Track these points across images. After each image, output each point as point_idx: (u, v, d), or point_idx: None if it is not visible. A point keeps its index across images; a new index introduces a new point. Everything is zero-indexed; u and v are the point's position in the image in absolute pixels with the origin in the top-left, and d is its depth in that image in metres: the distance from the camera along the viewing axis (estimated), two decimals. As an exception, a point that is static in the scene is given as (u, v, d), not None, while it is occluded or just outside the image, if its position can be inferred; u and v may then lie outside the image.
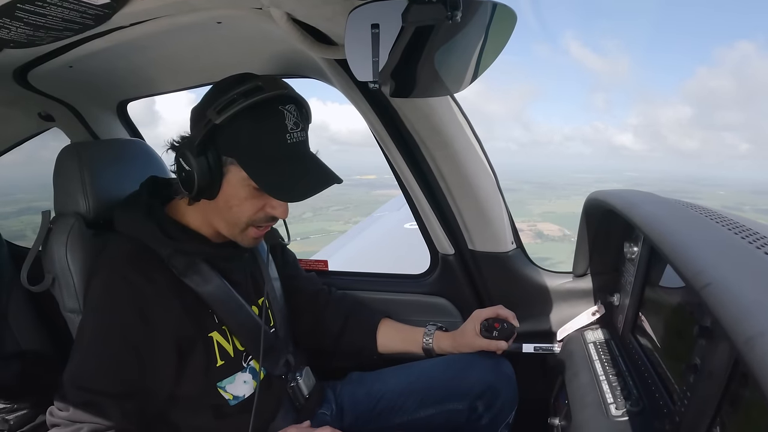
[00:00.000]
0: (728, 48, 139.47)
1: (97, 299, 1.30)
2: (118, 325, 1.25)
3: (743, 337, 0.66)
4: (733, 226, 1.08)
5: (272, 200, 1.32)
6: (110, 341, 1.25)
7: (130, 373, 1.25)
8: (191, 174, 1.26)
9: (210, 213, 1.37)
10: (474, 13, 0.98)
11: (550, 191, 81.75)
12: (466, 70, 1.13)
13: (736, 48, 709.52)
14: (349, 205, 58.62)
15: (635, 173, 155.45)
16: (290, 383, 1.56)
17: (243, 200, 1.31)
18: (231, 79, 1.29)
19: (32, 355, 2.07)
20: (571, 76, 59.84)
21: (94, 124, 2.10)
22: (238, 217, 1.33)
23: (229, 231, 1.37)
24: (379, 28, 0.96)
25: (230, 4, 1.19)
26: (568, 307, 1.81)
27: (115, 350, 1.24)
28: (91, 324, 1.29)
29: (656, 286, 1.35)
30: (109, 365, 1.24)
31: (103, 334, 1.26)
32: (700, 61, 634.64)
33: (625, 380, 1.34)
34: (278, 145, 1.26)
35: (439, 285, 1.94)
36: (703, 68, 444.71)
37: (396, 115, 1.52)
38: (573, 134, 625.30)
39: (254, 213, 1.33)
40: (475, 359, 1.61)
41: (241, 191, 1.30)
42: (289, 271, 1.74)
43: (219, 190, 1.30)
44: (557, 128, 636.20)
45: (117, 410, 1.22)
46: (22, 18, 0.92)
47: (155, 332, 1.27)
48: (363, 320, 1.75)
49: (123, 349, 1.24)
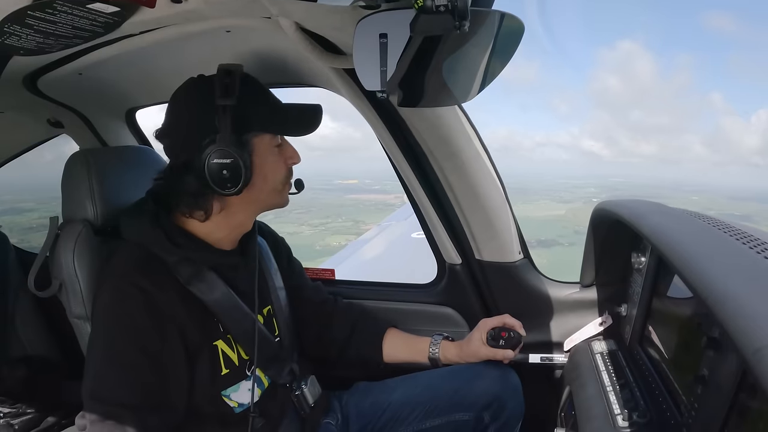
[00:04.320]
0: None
1: (107, 308, 1.29)
2: (132, 332, 1.24)
3: (752, 349, 0.66)
4: (742, 236, 1.07)
5: (287, 151, 1.42)
6: (126, 350, 1.24)
7: (149, 382, 1.23)
8: (236, 163, 1.26)
9: (242, 207, 1.40)
10: (482, 24, 0.99)
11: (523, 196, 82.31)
12: (473, 80, 1.13)
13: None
14: (312, 209, 59.24)
15: (620, 179, 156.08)
16: (295, 392, 1.55)
17: (274, 163, 1.39)
18: (198, 79, 1.37)
19: (38, 360, 2.07)
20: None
21: (103, 132, 2.11)
22: (277, 181, 1.41)
23: (273, 200, 1.45)
24: (387, 38, 0.96)
25: (239, 13, 1.20)
26: (575, 317, 1.80)
27: (131, 358, 1.23)
28: (104, 333, 1.28)
29: (664, 296, 1.34)
30: (127, 374, 1.23)
31: (118, 342, 1.25)
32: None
33: (632, 391, 1.33)
34: (276, 101, 1.41)
35: (446, 295, 1.94)
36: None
37: (404, 124, 1.52)
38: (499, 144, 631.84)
39: (283, 170, 1.42)
40: (482, 370, 1.60)
41: (269, 156, 1.37)
42: (295, 280, 1.74)
43: (253, 169, 1.32)
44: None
45: (137, 423, 1.20)
46: (32, 25, 0.93)
47: (170, 340, 1.26)
48: (369, 330, 1.75)
49: (140, 357, 1.23)
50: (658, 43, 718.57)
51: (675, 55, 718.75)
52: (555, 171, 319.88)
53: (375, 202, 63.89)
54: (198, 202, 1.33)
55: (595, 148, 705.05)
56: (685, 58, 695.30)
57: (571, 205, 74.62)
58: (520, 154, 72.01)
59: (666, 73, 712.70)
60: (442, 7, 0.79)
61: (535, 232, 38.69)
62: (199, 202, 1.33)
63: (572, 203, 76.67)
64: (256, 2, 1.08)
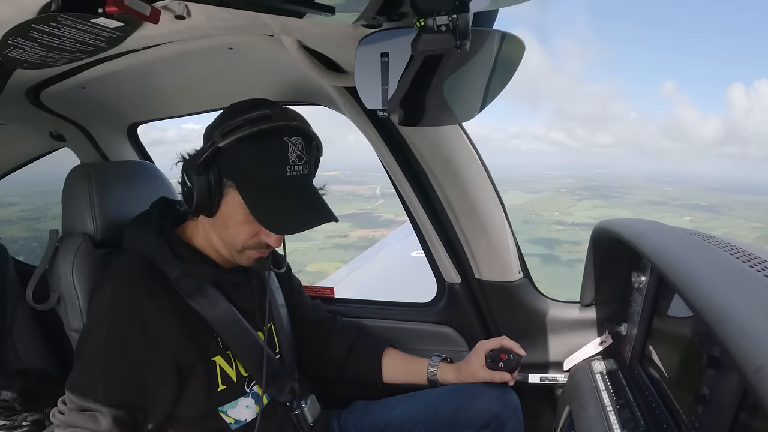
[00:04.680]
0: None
1: (100, 311, 1.32)
2: (118, 338, 1.27)
3: (753, 368, 0.65)
4: (742, 254, 1.07)
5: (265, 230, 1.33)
6: (109, 353, 1.27)
7: (126, 386, 1.27)
8: (192, 190, 1.27)
9: (209, 231, 1.38)
10: (483, 43, 1.00)
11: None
12: (474, 99, 1.14)
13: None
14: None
15: (603, 170, 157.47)
16: (294, 411, 1.54)
17: (239, 223, 1.31)
18: (245, 104, 1.30)
19: (35, 373, 2.05)
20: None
21: (105, 146, 2.12)
22: (234, 239, 1.34)
23: (226, 250, 1.37)
24: (388, 57, 0.97)
25: (242, 31, 1.21)
26: (575, 336, 1.79)
27: (113, 362, 1.27)
28: (92, 333, 1.30)
29: (664, 315, 1.33)
30: (106, 375, 1.26)
31: (103, 345, 1.28)
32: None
33: (632, 411, 1.32)
34: (277, 177, 1.26)
35: (445, 314, 1.93)
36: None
37: (404, 143, 1.53)
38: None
39: (249, 238, 1.33)
40: (481, 389, 1.58)
41: (238, 214, 1.30)
42: (295, 298, 1.74)
43: (217, 209, 1.31)
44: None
45: (109, 418, 1.25)
46: (37, 39, 0.93)
47: (154, 350, 1.27)
48: (367, 350, 1.74)
49: (121, 362, 1.26)
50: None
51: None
52: (543, 163, 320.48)
53: (344, 193, 63.47)
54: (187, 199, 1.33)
55: (562, 139, 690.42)
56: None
57: (536, 195, 74.13)
58: (491, 146, 69.41)
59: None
60: (444, 27, 0.80)
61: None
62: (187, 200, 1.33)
63: (540, 193, 76.10)
64: (259, 20, 1.09)
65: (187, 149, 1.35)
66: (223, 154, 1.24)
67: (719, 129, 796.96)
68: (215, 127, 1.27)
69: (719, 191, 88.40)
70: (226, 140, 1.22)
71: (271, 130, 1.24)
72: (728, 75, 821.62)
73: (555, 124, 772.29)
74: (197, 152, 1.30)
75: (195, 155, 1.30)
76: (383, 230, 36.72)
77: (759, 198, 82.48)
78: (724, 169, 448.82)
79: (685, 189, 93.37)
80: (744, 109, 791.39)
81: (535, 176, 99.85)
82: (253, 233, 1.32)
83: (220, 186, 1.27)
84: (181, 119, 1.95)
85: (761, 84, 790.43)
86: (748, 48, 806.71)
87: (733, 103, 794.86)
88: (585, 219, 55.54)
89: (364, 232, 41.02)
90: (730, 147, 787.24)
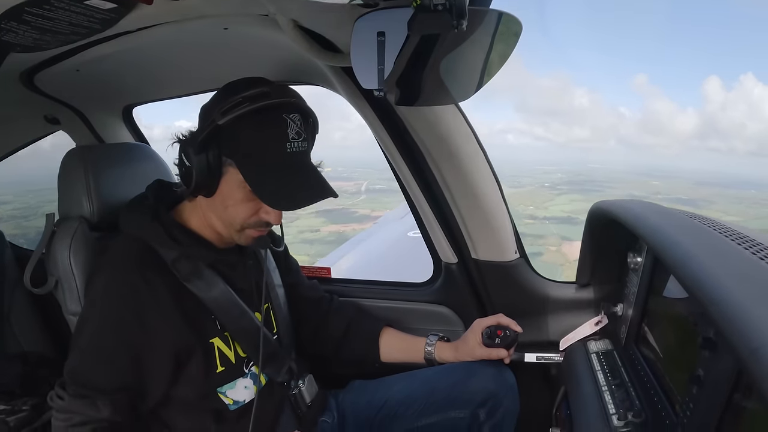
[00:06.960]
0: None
1: (96, 296, 1.33)
2: (114, 323, 1.28)
3: (748, 348, 0.66)
4: (738, 237, 1.08)
5: (266, 206, 1.32)
6: (106, 339, 1.28)
7: (123, 371, 1.28)
8: (190, 170, 1.27)
9: (207, 211, 1.38)
10: (480, 22, 0.99)
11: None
12: (471, 78, 1.13)
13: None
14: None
15: (598, 165, 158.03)
16: (292, 390, 1.55)
17: (238, 202, 1.31)
18: (241, 82, 1.29)
19: (34, 357, 2.06)
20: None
21: (100, 128, 2.11)
22: (233, 218, 1.34)
23: (225, 230, 1.38)
24: (384, 37, 0.96)
25: (237, 10, 1.20)
26: (571, 316, 1.80)
27: (110, 347, 1.28)
28: (90, 320, 1.31)
29: (660, 296, 1.34)
30: (104, 362, 1.28)
31: (100, 331, 1.29)
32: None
33: (627, 391, 1.33)
34: (277, 153, 1.26)
35: (441, 294, 1.94)
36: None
37: (401, 123, 1.52)
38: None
39: (249, 216, 1.33)
40: (478, 367, 1.60)
41: (237, 193, 1.30)
42: (292, 278, 1.74)
43: (216, 188, 1.31)
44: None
45: (108, 404, 1.26)
46: (30, 22, 0.93)
47: (151, 334, 1.28)
48: (364, 329, 1.75)
49: (118, 347, 1.28)
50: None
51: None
52: (535, 158, 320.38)
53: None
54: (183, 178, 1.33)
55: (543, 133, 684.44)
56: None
57: (519, 190, 73.65)
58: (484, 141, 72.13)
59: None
60: (440, 6, 0.79)
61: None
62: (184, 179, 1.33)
63: (523, 188, 75.81)
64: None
65: (182, 130, 1.34)
66: (222, 132, 1.24)
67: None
68: (213, 106, 1.26)
69: (708, 185, 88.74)
70: (226, 118, 1.21)
71: (271, 107, 1.24)
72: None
73: (532, 120, 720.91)
74: (195, 131, 1.30)
75: (193, 134, 1.29)
76: (354, 225, 37.07)
77: (746, 192, 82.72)
78: (723, 165, 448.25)
79: (673, 183, 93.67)
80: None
81: (526, 171, 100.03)
82: (253, 211, 1.33)
83: (219, 164, 1.27)
84: (169, 118, 1.94)
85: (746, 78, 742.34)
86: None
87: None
88: (558, 213, 55.59)
89: (336, 227, 41.12)
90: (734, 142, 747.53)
